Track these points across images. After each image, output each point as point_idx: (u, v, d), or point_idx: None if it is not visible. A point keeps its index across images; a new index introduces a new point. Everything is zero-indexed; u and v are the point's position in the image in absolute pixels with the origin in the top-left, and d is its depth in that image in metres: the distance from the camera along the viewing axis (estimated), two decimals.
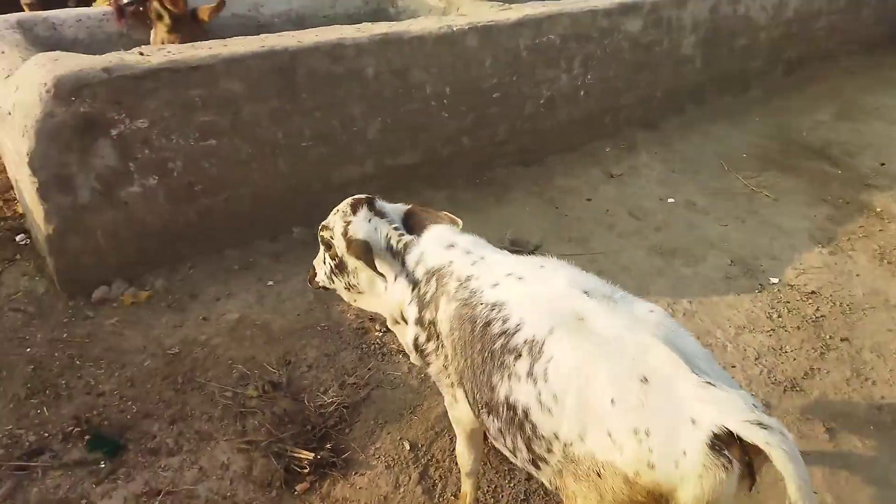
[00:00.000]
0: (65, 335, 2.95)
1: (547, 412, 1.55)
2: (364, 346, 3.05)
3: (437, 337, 1.91)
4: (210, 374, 2.86)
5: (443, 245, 1.96)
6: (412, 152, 4.03)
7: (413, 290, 1.98)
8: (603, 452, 1.47)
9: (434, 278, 1.92)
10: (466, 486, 2.28)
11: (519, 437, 1.63)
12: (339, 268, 2.18)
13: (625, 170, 4.87)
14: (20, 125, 2.76)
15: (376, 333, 3.12)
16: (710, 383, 1.43)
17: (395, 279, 2.03)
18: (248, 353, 2.95)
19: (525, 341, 1.62)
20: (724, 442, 1.35)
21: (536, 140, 4.66)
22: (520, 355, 1.61)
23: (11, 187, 3.87)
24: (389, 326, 2.23)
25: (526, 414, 1.59)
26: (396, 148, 3.95)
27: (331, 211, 2.21)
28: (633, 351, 1.50)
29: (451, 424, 2.23)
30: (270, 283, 3.37)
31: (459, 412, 2.03)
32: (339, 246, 2.10)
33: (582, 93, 4.74)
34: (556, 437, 1.55)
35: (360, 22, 4.80)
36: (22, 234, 3.51)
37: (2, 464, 2.40)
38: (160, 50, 3.12)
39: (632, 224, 4.19)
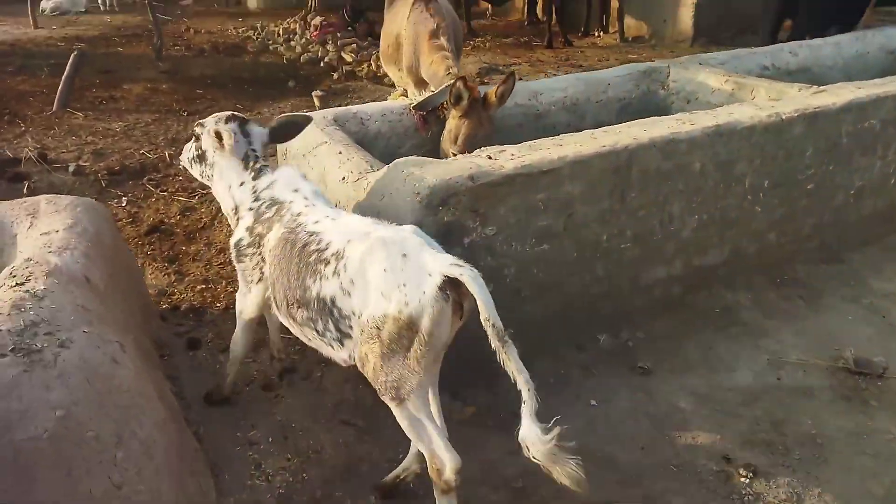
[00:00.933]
0: (400, 456, 2.76)
1: (347, 295, 2.18)
2: (734, 496, 2.57)
3: (259, 246, 2.49)
4: None
5: (291, 187, 2.55)
6: (719, 250, 3.64)
7: (254, 200, 2.57)
8: (380, 308, 2.08)
9: (275, 207, 2.50)
10: (232, 372, 2.89)
11: (329, 321, 2.25)
12: (200, 158, 2.77)
13: None
14: None
15: (741, 479, 2.65)
16: (440, 253, 2.16)
17: (241, 185, 2.61)
18: (602, 495, 2.57)
19: (332, 253, 2.23)
20: (447, 285, 2.04)
21: (838, 234, 4.12)
22: (328, 262, 2.22)
23: None
24: (224, 212, 2.81)
25: (333, 301, 2.22)
26: (705, 246, 3.57)
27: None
28: (398, 242, 2.15)
29: None
30: (593, 402, 3.03)
31: (246, 303, 2.68)
32: (206, 140, 2.70)
33: (892, 181, 4.16)
34: (353, 313, 2.18)
35: (630, 105, 4.61)
36: None
37: None
38: (502, 151, 2.98)
39: None
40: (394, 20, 4.53)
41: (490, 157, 2.93)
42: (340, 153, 3.19)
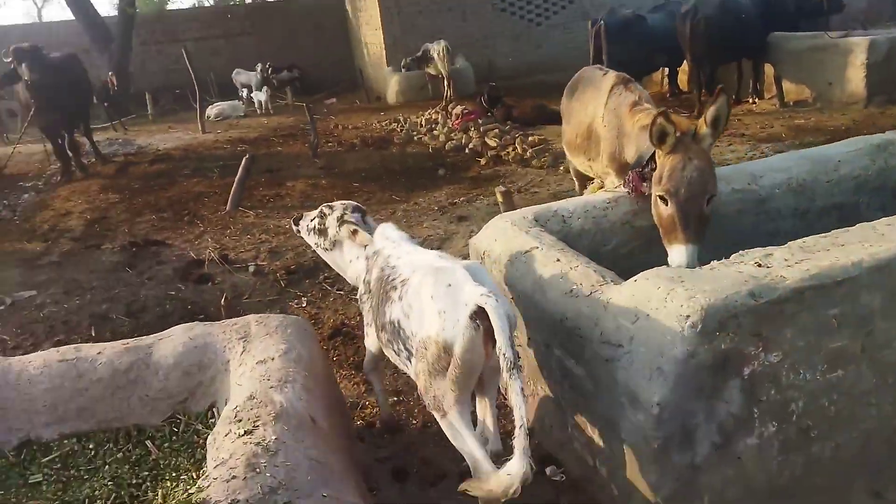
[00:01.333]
0: None
1: (407, 318, 2.49)
2: None
3: (370, 291, 2.90)
4: None
5: (384, 237, 2.97)
6: None
7: (366, 261, 3.03)
8: (426, 331, 2.34)
9: (375, 255, 2.93)
10: (381, 401, 3.35)
11: (399, 341, 2.55)
12: (321, 232, 3.28)
13: None
14: (646, 365, 2.20)
15: None
16: (477, 286, 2.29)
17: (358, 258, 3.12)
18: None
19: (400, 281, 2.57)
20: (477, 316, 2.22)
21: None
22: (395, 288, 2.58)
23: None
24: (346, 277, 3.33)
25: (399, 323, 2.53)
26: None
27: None
28: (446, 272, 2.40)
29: None
30: None
31: (370, 340, 3.07)
32: (331, 222, 3.23)
33: None
34: (413, 334, 2.45)
35: (868, 184, 3.93)
36: None
37: None
38: (769, 255, 2.45)
39: None
40: (584, 110, 4.22)
41: (759, 265, 2.40)
42: (559, 260, 2.80)
